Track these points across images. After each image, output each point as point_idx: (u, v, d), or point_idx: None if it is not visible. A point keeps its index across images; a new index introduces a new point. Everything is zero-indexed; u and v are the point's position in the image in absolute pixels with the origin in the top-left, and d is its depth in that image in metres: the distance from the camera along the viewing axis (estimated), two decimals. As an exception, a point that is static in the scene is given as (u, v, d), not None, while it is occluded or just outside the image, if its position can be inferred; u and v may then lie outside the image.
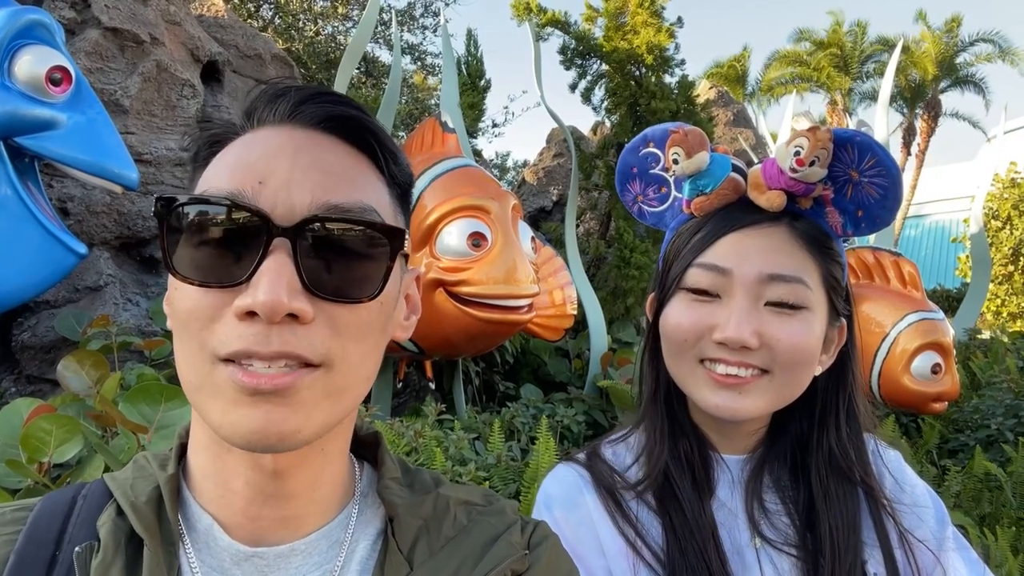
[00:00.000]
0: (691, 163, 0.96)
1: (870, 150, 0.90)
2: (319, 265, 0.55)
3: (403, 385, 3.74)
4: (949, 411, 3.60)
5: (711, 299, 0.91)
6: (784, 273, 0.88)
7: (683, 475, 0.94)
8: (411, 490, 0.69)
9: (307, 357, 0.54)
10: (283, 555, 0.61)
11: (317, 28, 9.70)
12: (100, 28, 3.43)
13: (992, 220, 13.29)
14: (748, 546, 0.91)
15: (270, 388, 0.52)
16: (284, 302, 0.52)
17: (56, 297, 3.16)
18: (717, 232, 0.93)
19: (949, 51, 18.23)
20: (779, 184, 0.91)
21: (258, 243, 0.54)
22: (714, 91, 9.77)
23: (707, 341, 0.90)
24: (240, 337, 0.52)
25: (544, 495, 0.99)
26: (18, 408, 1.89)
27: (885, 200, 0.92)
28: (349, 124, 0.62)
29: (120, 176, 2.69)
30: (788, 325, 0.88)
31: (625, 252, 5.36)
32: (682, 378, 0.94)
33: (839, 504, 0.91)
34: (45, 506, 0.62)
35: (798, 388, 0.92)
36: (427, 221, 2.76)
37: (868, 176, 0.92)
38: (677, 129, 0.99)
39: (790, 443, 0.97)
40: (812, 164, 0.89)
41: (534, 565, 0.67)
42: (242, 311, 0.52)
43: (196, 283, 0.54)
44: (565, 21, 6.06)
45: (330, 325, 0.55)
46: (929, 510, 0.96)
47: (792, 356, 0.87)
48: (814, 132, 0.90)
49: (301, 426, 0.54)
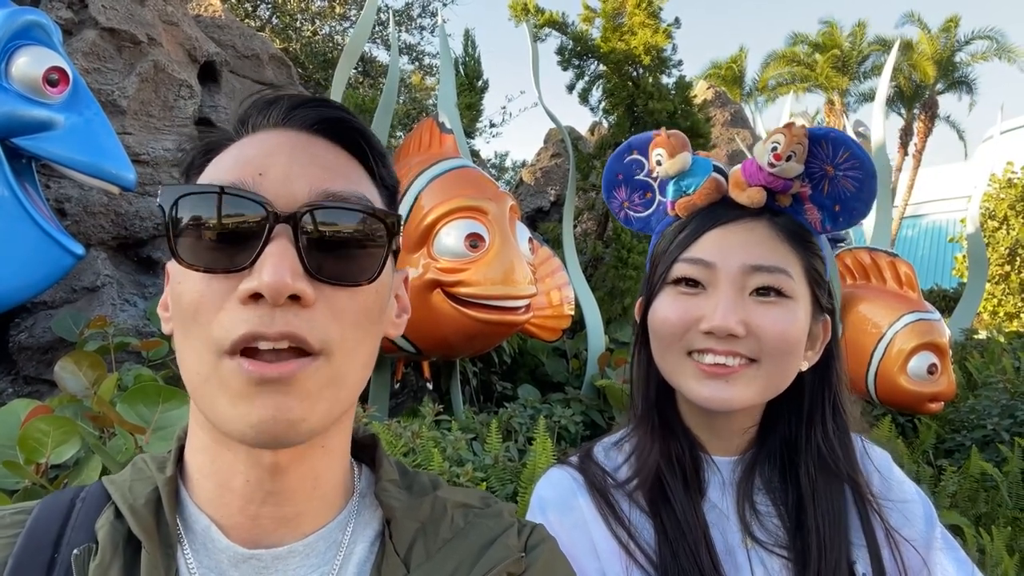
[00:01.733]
0: (674, 163, 0.99)
1: (844, 144, 0.93)
2: (319, 250, 0.57)
3: (400, 386, 3.74)
4: (945, 411, 3.61)
5: (697, 291, 0.93)
6: (767, 264, 0.91)
7: (674, 476, 0.95)
8: (409, 492, 0.69)
9: (308, 340, 0.55)
10: (281, 557, 0.61)
11: (314, 28, 9.70)
12: (97, 28, 3.42)
13: (989, 220, 13.32)
14: (739, 547, 0.91)
15: (275, 375, 0.54)
16: (288, 283, 0.53)
17: (53, 298, 3.16)
18: (700, 229, 0.96)
19: (946, 52, 18.28)
20: (758, 180, 0.95)
21: (260, 230, 0.56)
22: (711, 91, 9.79)
23: (694, 332, 0.91)
24: (245, 321, 0.54)
25: (538, 498, 0.99)
26: (15, 409, 1.89)
27: (860, 192, 0.95)
28: (341, 127, 0.65)
29: (117, 177, 2.68)
30: (773, 313, 0.90)
31: (622, 252, 5.37)
32: (670, 372, 0.96)
33: (826, 501, 0.92)
34: (43, 509, 0.63)
35: (785, 378, 0.93)
36: (425, 222, 2.76)
37: (843, 170, 0.95)
38: (659, 133, 1.03)
39: (779, 443, 0.98)
40: (789, 159, 0.93)
41: (530, 568, 0.67)
42: (247, 294, 0.54)
43: (201, 269, 0.56)
44: (563, 22, 6.07)
45: (330, 309, 0.57)
46: (917, 509, 0.97)
47: (778, 343, 0.89)
48: (789, 128, 0.93)
49: (306, 415, 0.56)
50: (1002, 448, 3.17)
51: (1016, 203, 13.36)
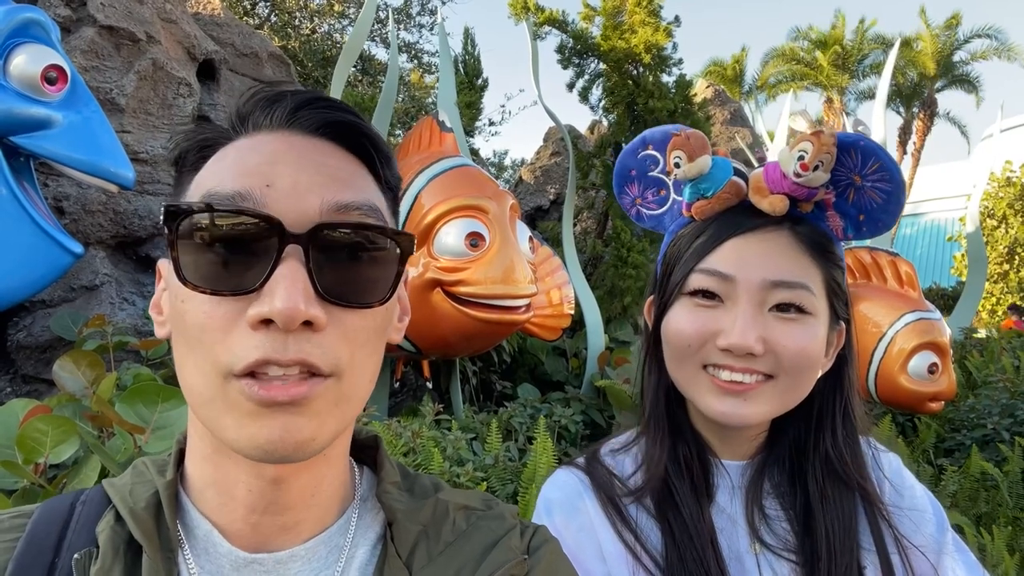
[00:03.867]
0: (693, 167, 0.94)
1: (874, 155, 0.89)
2: (331, 271, 0.55)
3: (400, 385, 3.74)
4: (945, 410, 3.61)
5: (714, 304, 0.90)
6: (788, 279, 0.87)
7: (682, 480, 0.93)
8: (410, 495, 0.69)
9: (320, 366, 0.54)
10: (282, 561, 0.60)
11: (313, 26, 9.69)
12: (96, 26, 3.41)
13: (988, 219, 13.34)
14: (747, 552, 0.90)
15: (287, 399, 0.52)
16: (302, 309, 0.52)
17: (52, 297, 3.15)
18: (719, 237, 0.91)
19: (947, 48, 18.27)
20: (782, 188, 0.90)
21: (270, 249, 0.53)
22: (711, 90, 9.79)
23: (711, 347, 0.89)
24: (257, 347, 0.52)
25: (544, 500, 0.98)
26: (14, 408, 1.88)
27: (888, 205, 0.91)
28: (346, 130, 0.62)
29: (116, 175, 2.67)
30: (793, 331, 0.87)
31: (622, 251, 5.37)
32: (685, 384, 0.93)
33: (835, 507, 0.91)
34: (44, 513, 0.62)
35: (801, 393, 0.91)
36: (425, 221, 2.76)
37: (871, 181, 0.91)
38: (679, 132, 0.97)
39: (789, 448, 0.96)
40: (816, 168, 0.88)
41: (533, 569, 0.66)
42: (257, 319, 0.52)
43: (208, 291, 0.53)
44: (563, 20, 6.07)
45: (341, 331, 0.55)
46: (928, 515, 0.96)
47: (798, 361, 0.87)
48: (818, 136, 0.88)
49: (316, 434, 0.55)
50: (1002, 447, 3.17)
51: (1015, 202, 13.38)
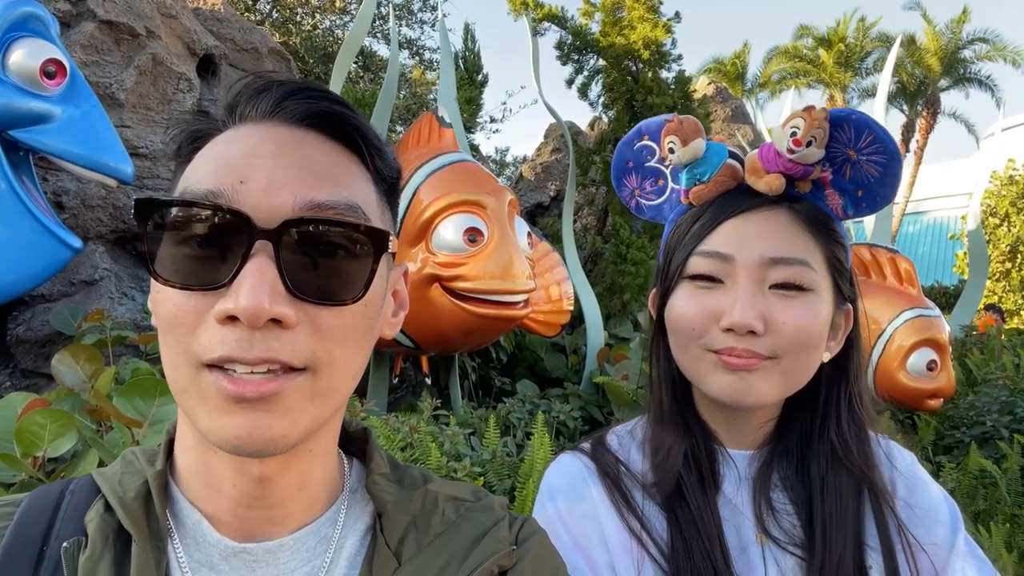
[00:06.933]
0: (687, 151, 0.94)
1: (867, 127, 0.88)
2: (302, 267, 0.54)
3: (399, 380, 3.74)
4: (945, 408, 3.61)
5: (715, 286, 0.89)
6: (787, 256, 0.87)
7: (689, 471, 0.92)
8: (400, 486, 0.69)
9: (290, 362, 0.53)
10: (271, 551, 0.61)
11: (314, 22, 9.68)
12: (95, 21, 3.41)
13: (990, 217, 13.31)
14: (753, 544, 0.89)
15: (255, 395, 0.52)
16: (266, 307, 0.51)
17: (51, 291, 3.15)
18: (716, 218, 0.91)
19: (950, 47, 18.21)
20: (777, 167, 0.90)
21: (240, 245, 0.53)
22: (712, 87, 9.77)
23: (714, 330, 0.88)
24: (222, 343, 0.52)
25: (548, 485, 0.96)
26: (12, 402, 1.88)
27: (885, 177, 0.90)
28: (332, 120, 0.61)
29: (115, 170, 2.67)
30: (793, 308, 0.86)
31: (622, 248, 5.36)
32: (690, 368, 0.92)
33: (834, 494, 0.90)
34: (32, 502, 0.62)
35: (806, 373, 0.90)
36: (423, 216, 2.75)
37: (866, 154, 0.90)
38: (672, 118, 0.98)
39: (796, 439, 0.95)
40: (809, 144, 0.88)
41: (521, 560, 0.67)
42: (223, 315, 0.52)
43: (177, 286, 0.54)
44: (562, 16, 6.05)
45: (313, 328, 0.55)
46: (942, 513, 0.94)
47: (798, 339, 0.86)
48: (809, 112, 0.88)
49: (287, 431, 0.54)
50: (1001, 445, 3.17)
51: (1017, 200, 13.35)
